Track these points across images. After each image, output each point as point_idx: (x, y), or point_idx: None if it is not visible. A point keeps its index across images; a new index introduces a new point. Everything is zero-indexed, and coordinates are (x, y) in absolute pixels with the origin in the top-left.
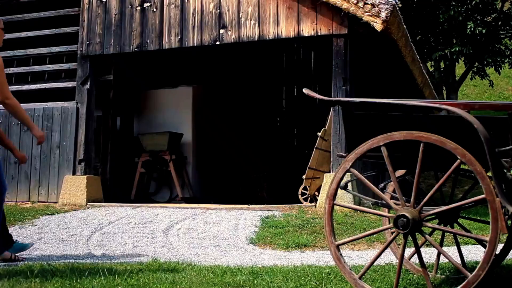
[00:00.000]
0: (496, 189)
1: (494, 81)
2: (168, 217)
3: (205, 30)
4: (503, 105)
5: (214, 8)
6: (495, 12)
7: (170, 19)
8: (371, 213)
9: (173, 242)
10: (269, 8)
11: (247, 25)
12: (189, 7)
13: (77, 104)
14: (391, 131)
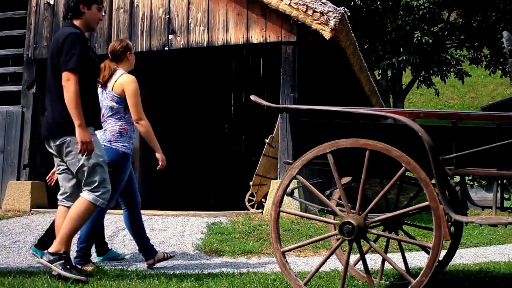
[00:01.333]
0: (440, 196)
1: (440, 90)
2: (114, 224)
3: (154, 36)
4: (447, 113)
5: (163, 13)
6: (442, 22)
7: (119, 23)
8: (317, 220)
9: (118, 249)
10: (219, 15)
11: (196, 31)
12: (138, 12)
13: (22, 109)
14: (338, 138)
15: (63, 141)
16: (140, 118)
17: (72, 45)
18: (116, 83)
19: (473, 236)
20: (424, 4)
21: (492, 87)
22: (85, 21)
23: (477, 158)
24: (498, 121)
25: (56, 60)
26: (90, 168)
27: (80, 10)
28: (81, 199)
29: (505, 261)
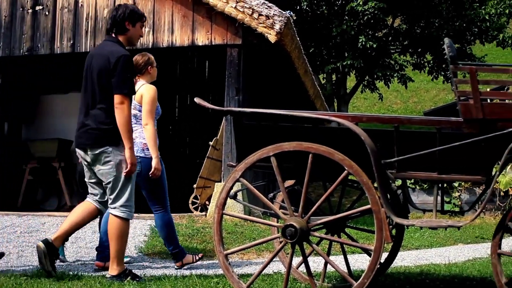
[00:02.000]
0: (382, 200)
1: (383, 95)
2: (56, 226)
3: (98, 36)
4: (389, 118)
5: (108, 14)
6: (386, 28)
7: (63, 23)
8: (260, 222)
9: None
10: (164, 16)
11: None
12: (83, 12)
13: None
14: (282, 141)
15: (104, 150)
16: (147, 124)
17: (125, 68)
18: (137, 92)
19: (415, 238)
20: (369, 9)
21: (435, 93)
22: (128, 37)
23: (418, 162)
24: (438, 126)
25: (105, 77)
26: (124, 183)
27: (126, 26)
28: (114, 219)
29: (445, 263)
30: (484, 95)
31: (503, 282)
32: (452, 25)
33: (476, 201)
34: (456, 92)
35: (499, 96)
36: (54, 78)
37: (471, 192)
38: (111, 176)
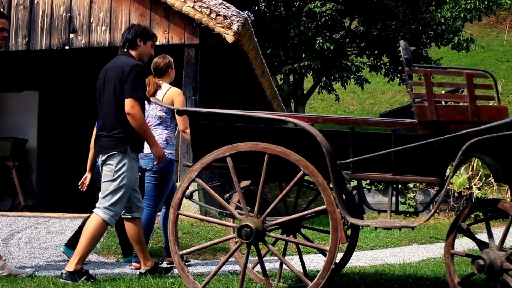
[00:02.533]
0: (337, 200)
1: (340, 96)
2: (9, 226)
3: (54, 34)
4: (345, 119)
5: (64, 11)
6: (343, 30)
7: (18, 20)
8: (216, 223)
9: (13, 252)
10: (121, 15)
11: (98, 30)
12: (39, 9)
13: None
14: (238, 142)
15: (111, 155)
16: (186, 127)
17: (138, 75)
18: (166, 95)
19: (370, 239)
20: (326, 11)
21: (391, 94)
22: (138, 53)
23: (373, 163)
24: (393, 127)
25: (119, 86)
26: (116, 188)
27: (137, 43)
28: (96, 217)
29: (400, 263)
30: (439, 98)
31: (456, 282)
32: (408, 28)
33: (430, 202)
34: (411, 94)
35: (453, 98)
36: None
37: (426, 193)
38: (107, 177)
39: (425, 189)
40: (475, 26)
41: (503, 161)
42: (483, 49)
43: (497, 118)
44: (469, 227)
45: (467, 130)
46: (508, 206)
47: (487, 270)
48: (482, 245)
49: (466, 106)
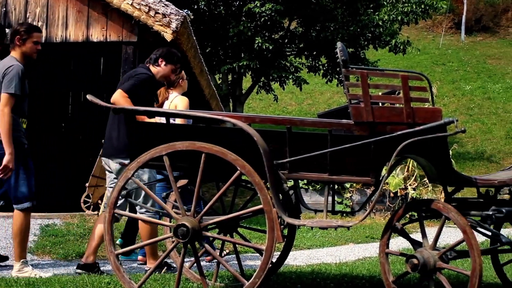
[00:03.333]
0: (273, 200)
1: (278, 96)
2: None
3: None
4: (282, 119)
5: None
6: (282, 30)
7: None
8: (152, 222)
9: None
10: (58, 11)
11: None
12: None
13: None
14: (175, 140)
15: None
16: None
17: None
18: (172, 103)
19: (307, 238)
20: (266, 11)
21: (329, 95)
22: (157, 72)
23: (310, 163)
24: (330, 127)
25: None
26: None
27: (159, 62)
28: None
29: (336, 262)
30: (375, 99)
31: (391, 280)
32: (346, 30)
33: (366, 202)
34: (347, 95)
35: (389, 100)
36: None
37: (362, 193)
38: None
39: (361, 189)
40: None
41: (437, 162)
42: (420, 52)
43: (431, 120)
44: (403, 226)
45: (402, 131)
46: (441, 206)
47: (421, 269)
48: (416, 245)
49: (401, 108)
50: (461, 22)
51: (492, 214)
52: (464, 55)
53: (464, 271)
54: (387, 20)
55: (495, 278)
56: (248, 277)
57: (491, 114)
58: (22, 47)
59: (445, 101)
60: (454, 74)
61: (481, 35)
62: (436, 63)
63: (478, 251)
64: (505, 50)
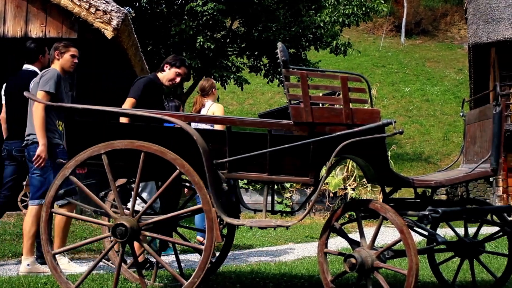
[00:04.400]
0: (213, 200)
1: (220, 96)
2: None
3: None
4: (221, 119)
5: None
6: (225, 30)
7: None
8: (90, 221)
9: None
10: None
11: None
12: None
13: None
14: (115, 139)
15: None
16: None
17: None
18: (209, 110)
19: (246, 238)
20: (208, 10)
21: (270, 95)
22: (163, 76)
23: (249, 163)
24: (270, 128)
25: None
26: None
27: (164, 67)
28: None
29: (276, 262)
30: (315, 100)
31: (329, 280)
32: (288, 31)
33: (305, 202)
34: (288, 95)
35: (328, 101)
36: None
37: (302, 193)
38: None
39: (301, 189)
40: (353, 31)
41: (375, 163)
42: (360, 53)
43: (369, 121)
44: (342, 226)
45: (340, 132)
46: (379, 207)
47: (359, 268)
48: (354, 244)
49: (340, 109)
50: (401, 25)
51: (429, 214)
52: (404, 57)
53: (401, 270)
54: (329, 22)
55: (432, 277)
56: (187, 277)
57: (429, 116)
58: (61, 60)
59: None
60: (393, 76)
61: (420, 38)
62: (376, 65)
63: (415, 250)
64: (443, 54)
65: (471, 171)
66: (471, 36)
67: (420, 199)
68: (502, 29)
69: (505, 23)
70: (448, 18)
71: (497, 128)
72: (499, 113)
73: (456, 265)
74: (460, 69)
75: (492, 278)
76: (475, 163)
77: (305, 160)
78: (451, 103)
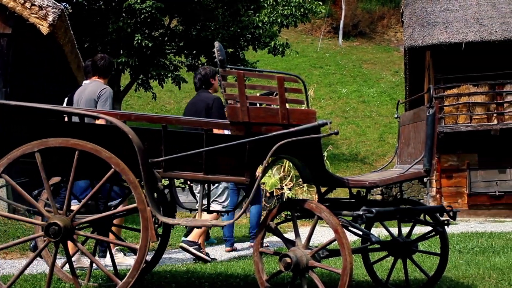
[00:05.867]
0: (148, 199)
1: (157, 94)
2: None
3: None
4: (157, 117)
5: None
6: (163, 28)
7: None
8: (23, 221)
9: None
10: None
11: None
12: None
13: None
14: (49, 137)
15: None
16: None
17: (221, 106)
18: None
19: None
20: (146, 8)
21: None
22: (214, 88)
23: (185, 162)
24: (206, 127)
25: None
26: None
27: (210, 81)
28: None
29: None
30: (251, 100)
31: (264, 279)
32: (227, 30)
33: (241, 201)
34: (224, 95)
35: (264, 101)
36: None
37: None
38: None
39: None
40: (292, 32)
41: (310, 163)
42: (298, 54)
43: (305, 121)
44: (277, 226)
45: (276, 132)
46: (314, 206)
47: (294, 268)
48: (289, 243)
49: (277, 109)
50: (339, 27)
51: (363, 214)
52: (341, 59)
53: (336, 270)
54: (267, 22)
55: (366, 276)
56: (122, 277)
57: (366, 117)
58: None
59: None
60: (331, 77)
61: (357, 40)
62: (314, 66)
63: (349, 250)
64: (380, 56)
65: (405, 172)
66: (407, 39)
67: (355, 199)
68: (437, 33)
69: (440, 27)
70: (385, 21)
71: (431, 130)
72: (433, 115)
73: (390, 264)
74: (396, 71)
75: (425, 277)
76: (409, 164)
77: (241, 160)
78: (387, 105)
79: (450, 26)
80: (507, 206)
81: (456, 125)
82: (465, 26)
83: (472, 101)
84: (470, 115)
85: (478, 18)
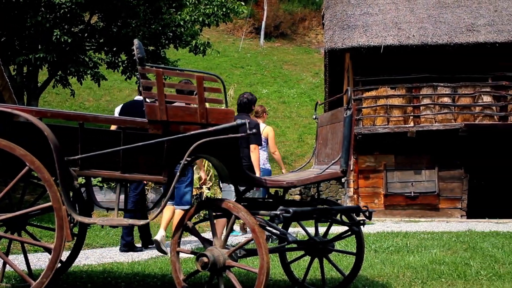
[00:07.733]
0: (63, 197)
1: (76, 91)
2: None
3: None
4: (74, 115)
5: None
6: (83, 24)
7: None
8: None
9: None
10: None
11: None
12: None
13: None
14: None
15: None
16: (275, 150)
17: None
18: (264, 130)
19: (100, 237)
20: (66, 3)
21: (128, 92)
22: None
23: (102, 160)
24: (124, 125)
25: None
26: None
27: (252, 107)
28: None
29: (129, 261)
30: (170, 98)
31: (181, 279)
32: (148, 28)
33: (159, 200)
34: (143, 93)
35: (183, 99)
36: None
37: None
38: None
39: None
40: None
41: (228, 163)
42: (219, 54)
43: (223, 121)
44: (195, 225)
45: (195, 131)
46: (232, 206)
47: (211, 267)
48: (207, 243)
49: (195, 108)
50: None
51: (280, 213)
52: (262, 59)
53: (253, 269)
54: (189, 21)
55: (283, 275)
56: (36, 277)
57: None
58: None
59: None
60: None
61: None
62: (235, 66)
63: (266, 249)
64: (300, 57)
65: (322, 172)
66: (327, 41)
67: (272, 199)
68: (356, 36)
69: (359, 30)
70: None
71: (348, 131)
72: (350, 117)
73: (306, 263)
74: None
75: (341, 276)
76: (326, 165)
77: (159, 159)
78: (306, 106)
79: (369, 30)
80: (421, 207)
81: (373, 126)
82: (384, 30)
83: (390, 104)
84: (387, 117)
85: (397, 23)
